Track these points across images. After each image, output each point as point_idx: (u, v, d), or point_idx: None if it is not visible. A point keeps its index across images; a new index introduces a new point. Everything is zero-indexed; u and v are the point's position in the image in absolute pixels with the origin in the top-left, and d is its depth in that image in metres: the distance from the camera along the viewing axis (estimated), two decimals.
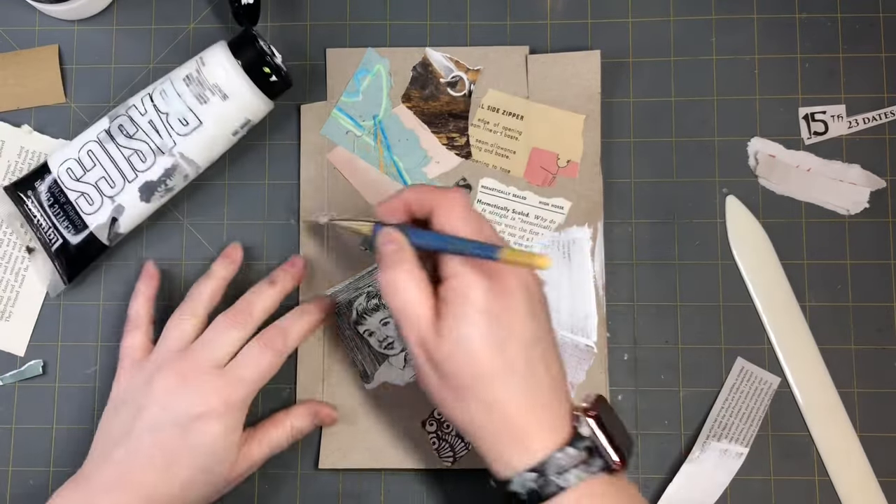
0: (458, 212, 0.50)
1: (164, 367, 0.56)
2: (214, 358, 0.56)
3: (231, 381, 0.55)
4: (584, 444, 0.48)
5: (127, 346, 0.58)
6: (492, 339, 0.48)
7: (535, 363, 0.49)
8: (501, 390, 0.48)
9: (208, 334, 0.57)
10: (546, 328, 0.51)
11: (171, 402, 0.54)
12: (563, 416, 0.49)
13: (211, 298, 0.59)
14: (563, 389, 0.50)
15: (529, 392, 0.49)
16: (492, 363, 0.48)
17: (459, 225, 0.50)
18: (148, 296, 0.60)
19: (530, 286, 0.50)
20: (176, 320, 0.58)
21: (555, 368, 0.50)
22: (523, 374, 0.49)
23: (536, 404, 0.49)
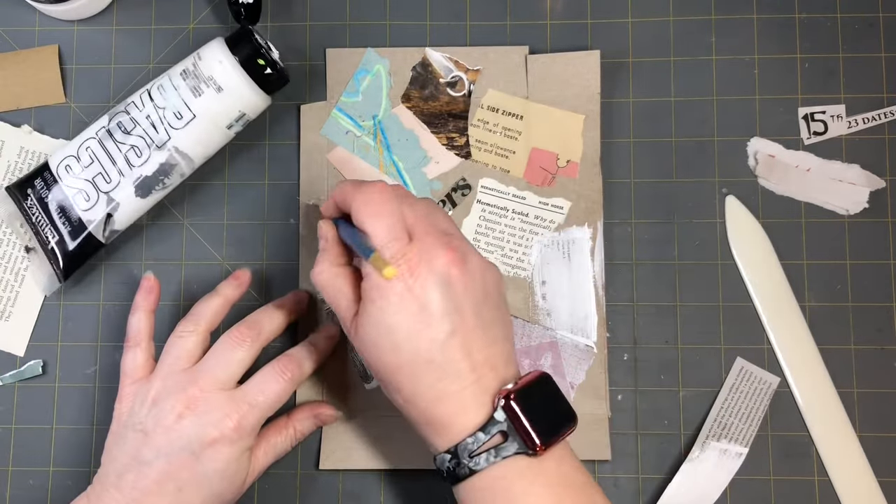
0: (369, 208, 0.51)
1: (170, 389, 0.55)
2: (222, 379, 0.55)
3: (242, 406, 0.54)
4: (497, 427, 0.49)
5: (127, 365, 0.57)
6: (391, 339, 0.49)
7: (451, 352, 0.49)
8: (409, 385, 0.50)
9: (214, 354, 0.56)
10: (470, 315, 0.50)
11: (181, 427, 0.53)
12: (484, 399, 0.49)
13: (214, 316, 0.58)
14: (488, 372, 0.50)
15: (440, 383, 0.49)
16: (396, 361, 0.49)
17: (368, 221, 0.50)
18: (147, 310, 0.59)
19: (451, 279, 0.49)
20: (177, 336, 0.57)
21: (480, 353, 0.50)
22: (431, 366, 0.49)
23: (449, 392, 0.49)
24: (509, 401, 0.49)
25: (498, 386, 0.50)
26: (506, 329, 0.52)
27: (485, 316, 0.50)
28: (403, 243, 0.50)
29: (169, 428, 0.53)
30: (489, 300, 0.51)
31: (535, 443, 0.48)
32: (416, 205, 0.52)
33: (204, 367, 0.55)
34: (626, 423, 0.61)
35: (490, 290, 0.51)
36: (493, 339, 0.50)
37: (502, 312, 0.52)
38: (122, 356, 0.57)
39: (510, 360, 0.51)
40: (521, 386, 0.49)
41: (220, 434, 0.53)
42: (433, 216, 0.52)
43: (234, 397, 0.54)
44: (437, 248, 0.50)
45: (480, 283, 0.51)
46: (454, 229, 0.53)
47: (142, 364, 0.57)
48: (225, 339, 0.56)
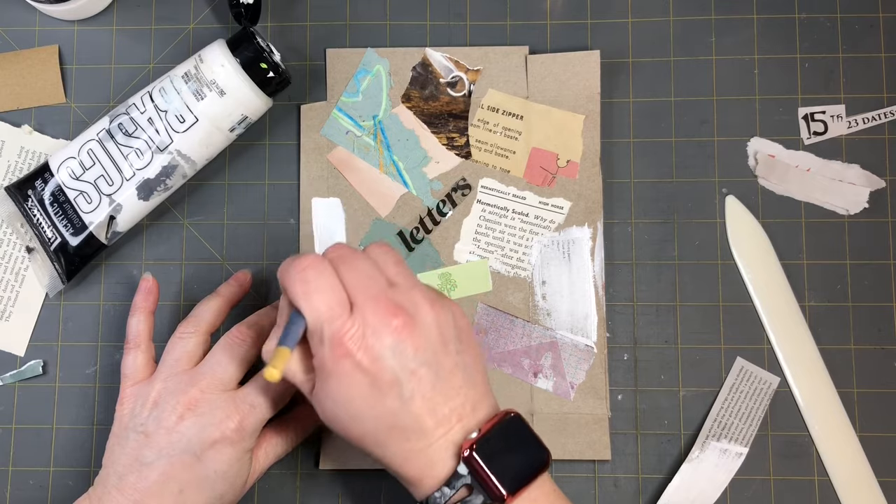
0: (300, 287, 0.49)
1: (171, 391, 0.54)
2: (223, 380, 0.54)
3: (244, 407, 0.54)
4: (462, 481, 0.48)
5: (128, 367, 0.57)
6: (349, 413, 0.49)
7: (412, 415, 0.48)
8: (377, 450, 0.49)
9: (214, 355, 0.55)
10: (426, 374, 0.48)
11: (182, 428, 0.53)
12: (450, 453, 0.48)
13: (214, 317, 0.58)
14: (455, 423, 0.49)
15: (406, 443, 0.48)
16: (359, 431, 0.49)
17: (301, 304, 0.49)
18: (147, 311, 0.58)
19: (400, 344, 0.48)
20: (178, 337, 0.56)
21: (444, 407, 0.48)
22: (394, 431, 0.48)
23: (416, 451, 0.48)
24: (471, 453, 0.48)
25: (463, 436, 0.48)
26: (471, 371, 0.50)
27: (444, 367, 0.49)
28: (343, 319, 0.48)
29: (170, 429, 0.53)
30: (448, 348, 0.49)
31: (499, 493, 0.47)
32: (356, 265, 0.50)
33: (204, 369, 0.55)
34: (626, 423, 0.61)
35: (448, 336, 0.50)
36: (456, 389, 0.49)
37: (465, 355, 0.50)
38: (123, 358, 0.57)
39: (479, 401, 0.50)
40: (483, 434, 0.48)
41: (222, 435, 0.53)
42: (376, 270, 0.50)
43: (236, 398, 0.54)
44: (383, 314, 0.48)
45: (436, 334, 0.49)
46: (402, 276, 0.51)
47: (142, 366, 0.57)
48: (225, 341, 0.56)
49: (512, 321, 0.62)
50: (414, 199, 0.63)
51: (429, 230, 0.63)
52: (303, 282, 0.49)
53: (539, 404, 0.61)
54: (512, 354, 0.61)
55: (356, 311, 0.48)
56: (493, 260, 0.62)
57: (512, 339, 0.62)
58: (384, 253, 0.52)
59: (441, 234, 0.63)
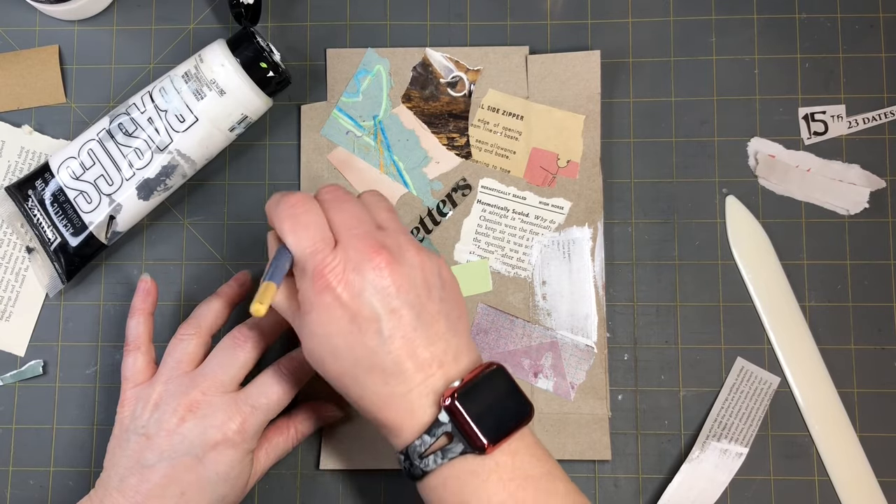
0: (286, 223, 0.50)
1: (172, 393, 0.54)
2: (224, 382, 0.54)
3: (245, 409, 0.54)
4: (443, 429, 0.48)
5: (128, 369, 0.57)
6: (328, 349, 0.49)
7: (391, 356, 0.48)
8: (356, 390, 0.49)
9: (215, 356, 0.55)
10: (408, 315, 0.48)
11: (183, 430, 0.53)
12: (430, 400, 0.48)
13: (215, 318, 0.58)
14: (435, 370, 0.49)
15: (386, 387, 0.48)
16: (338, 368, 0.49)
17: (287, 237, 0.50)
18: (146, 312, 0.58)
19: (382, 281, 0.48)
20: (178, 339, 0.56)
21: (425, 351, 0.49)
22: (373, 371, 0.48)
23: (396, 395, 0.48)
24: (453, 401, 0.48)
25: (445, 384, 0.49)
26: (454, 320, 0.50)
27: (427, 312, 0.49)
28: (325, 254, 0.49)
29: (171, 431, 0.53)
30: (431, 294, 0.50)
31: (481, 442, 0.47)
32: (344, 205, 0.51)
33: (205, 370, 0.55)
34: (626, 423, 0.61)
35: (432, 282, 0.50)
36: (438, 335, 0.49)
37: (449, 303, 0.51)
38: (123, 360, 0.57)
39: (461, 351, 0.50)
40: (465, 383, 0.48)
41: (224, 437, 0.53)
42: (365, 213, 0.51)
43: (237, 400, 0.54)
44: (366, 250, 0.48)
45: (420, 277, 0.49)
46: (391, 221, 0.52)
47: (142, 368, 0.57)
48: (226, 342, 0.56)
49: (512, 321, 0.62)
50: (414, 199, 0.63)
51: (429, 230, 0.63)
52: (290, 217, 0.50)
53: (539, 404, 0.61)
54: (512, 354, 0.61)
55: (339, 247, 0.49)
56: (493, 260, 0.62)
57: (512, 340, 0.62)
58: (376, 199, 0.53)
59: (441, 235, 0.63)
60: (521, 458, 0.49)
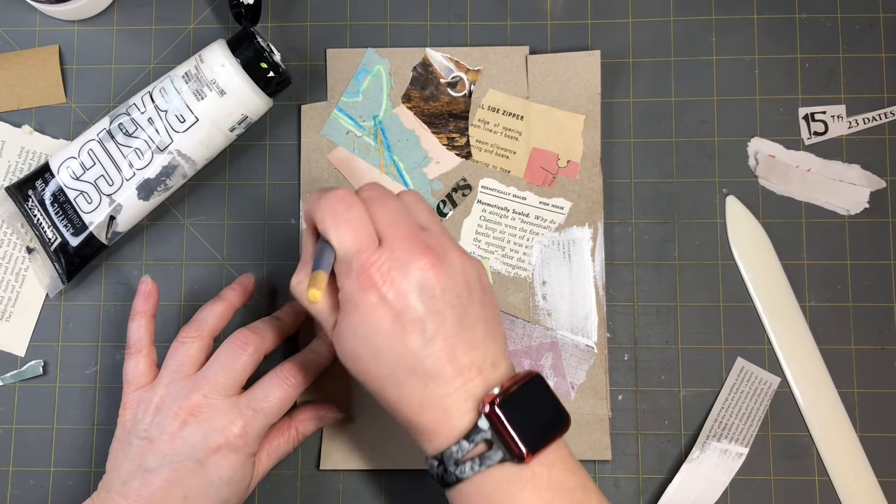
0: (331, 220, 0.49)
1: (174, 396, 0.54)
2: (225, 385, 0.54)
3: (247, 412, 0.54)
4: (481, 436, 0.47)
5: (129, 372, 0.56)
6: (370, 349, 0.48)
7: (433, 358, 0.47)
8: (394, 392, 0.48)
9: (217, 360, 0.55)
10: (451, 318, 0.48)
11: (185, 434, 0.53)
12: (468, 406, 0.48)
13: (217, 321, 0.57)
14: (474, 376, 0.48)
15: (425, 389, 0.48)
16: (377, 370, 0.48)
17: (331, 234, 0.49)
18: (147, 315, 0.58)
19: (427, 282, 0.48)
20: (180, 342, 0.56)
21: (465, 356, 0.48)
22: (413, 373, 0.48)
23: (433, 398, 0.48)
24: (493, 408, 0.47)
25: (484, 390, 0.48)
26: (492, 326, 0.50)
27: (469, 316, 0.49)
28: (371, 252, 0.48)
29: (173, 435, 0.53)
30: (473, 298, 0.49)
31: (520, 451, 0.47)
32: (388, 204, 0.50)
33: (207, 374, 0.55)
34: (626, 423, 0.61)
35: (473, 286, 0.50)
36: (478, 340, 0.49)
37: (488, 309, 0.50)
38: (124, 363, 0.57)
39: (499, 359, 0.49)
40: (506, 390, 0.48)
41: (226, 441, 0.53)
42: (407, 212, 0.50)
43: (239, 404, 0.54)
44: (411, 250, 0.48)
45: (462, 280, 0.49)
46: (433, 223, 0.51)
47: (144, 371, 0.56)
48: (227, 345, 0.55)
49: (512, 321, 0.62)
50: None
51: None
52: (333, 214, 0.49)
53: None
54: (512, 355, 0.61)
55: (385, 246, 0.48)
56: (493, 260, 0.62)
57: (512, 340, 0.62)
58: (417, 200, 0.52)
59: None
60: (556, 469, 0.48)
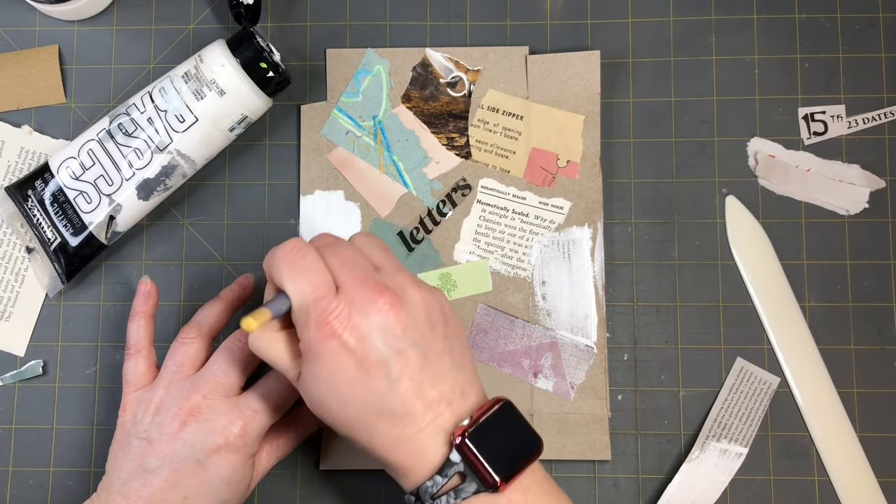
0: (284, 270, 0.49)
1: (173, 397, 0.54)
2: (224, 385, 0.54)
3: (246, 412, 0.53)
4: (455, 469, 0.47)
5: (129, 373, 0.56)
6: (336, 396, 0.48)
7: (400, 398, 0.47)
8: (365, 435, 0.48)
9: (216, 360, 0.55)
10: (415, 355, 0.48)
11: (185, 434, 0.53)
12: (440, 440, 0.48)
13: (216, 321, 0.57)
14: (444, 409, 0.48)
15: (395, 429, 0.48)
16: (346, 415, 0.48)
17: (286, 285, 0.49)
18: (147, 315, 0.58)
19: (388, 323, 0.47)
20: (180, 343, 0.56)
21: (433, 391, 0.48)
22: (382, 415, 0.47)
23: (405, 437, 0.48)
24: (464, 440, 0.47)
25: (454, 423, 0.48)
26: (458, 355, 0.50)
27: (433, 350, 0.48)
28: (329, 300, 0.47)
29: (173, 436, 0.53)
30: (436, 331, 0.49)
31: (493, 480, 0.47)
32: (341, 251, 0.50)
33: (206, 374, 0.54)
34: (626, 423, 0.61)
35: (435, 319, 0.49)
36: (445, 373, 0.48)
37: (452, 339, 0.50)
38: (124, 364, 0.57)
39: (468, 387, 0.49)
40: (475, 421, 0.47)
41: (225, 441, 0.53)
42: (361, 255, 0.50)
43: (238, 404, 0.54)
44: (368, 293, 0.47)
45: (423, 315, 0.49)
46: (388, 261, 0.51)
47: (143, 372, 0.56)
48: (227, 345, 0.55)
49: (512, 321, 0.62)
50: (414, 199, 0.63)
51: (429, 230, 0.63)
52: (288, 264, 0.49)
53: (539, 404, 0.61)
54: (512, 354, 0.61)
55: (341, 292, 0.48)
56: (493, 260, 0.62)
57: (512, 340, 0.62)
58: (369, 241, 0.52)
59: (441, 235, 0.63)
60: (533, 494, 0.48)
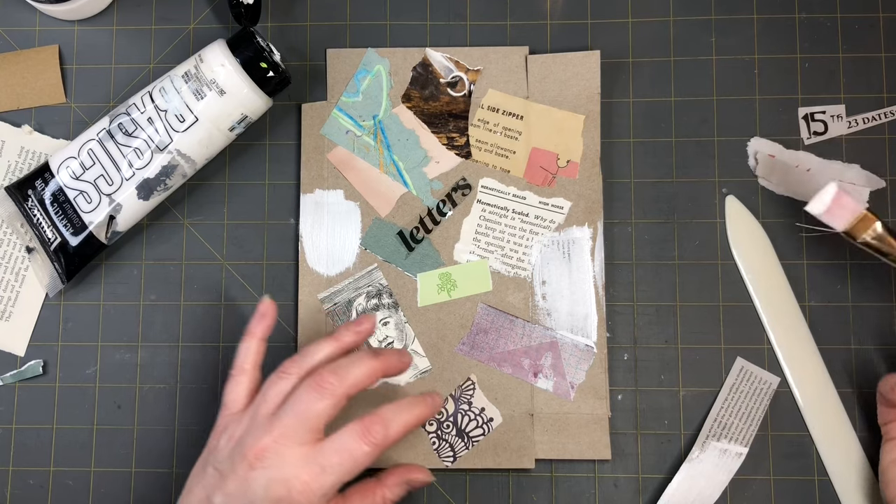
0: None
1: (252, 432, 0.51)
2: (297, 432, 0.50)
3: (314, 468, 0.50)
4: None
5: (228, 395, 0.54)
6: None
7: None
8: None
9: (292, 403, 0.51)
10: None
11: (251, 478, 0.50)
12: None
13: (324, 359, 0.54)
14: None
15: None
16: None
17: None
18: (258, 337, 0.55)
19: None
20: (277, 376, 0.53)
21: None
22: None
23: None
24: None
25: None
26: None
27: None
28: None
29: (241, 477, 0.50)
30: None
31: None
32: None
33: (280, 416, 0.51)
34: (626, 423, 0.61)
35: None
36: None
37: None
38: (226, 383, 0.55)
39: None
40: None
41: (287, 495, 0.49)
42: None
43: (308, 456, 0.50)
44: None
45: None
46: None
47: (241, 396, 0.54)
48: (305, 386, 0.51)
49: (512, 321, 0.62)
50: (414, 198, 0.63)
51: (429, 230, 0.63)
52: None
53: (539, 404, 0.61)
54: (512, 354, 0.61)
55: None
56: (493, 260, 0.62)
57: (512, 339, 0.62)
58: None
59: (441, 234, 0.63)
60: None
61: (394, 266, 0.62)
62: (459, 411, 0.61)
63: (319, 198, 0.63)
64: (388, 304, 0.62)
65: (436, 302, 0.62)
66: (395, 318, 0.62)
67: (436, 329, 0.62)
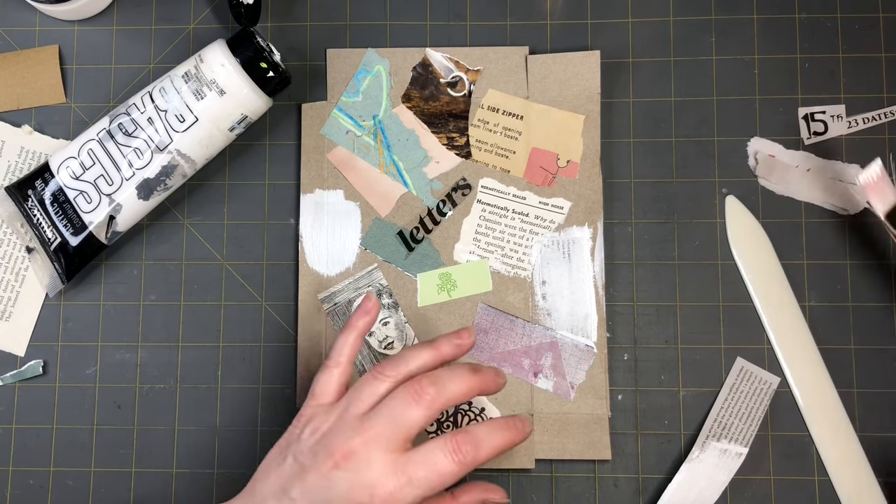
0: None
1: (340, 430, 0.50)
2: (387, 439, 0.49)
3: (400, 479, 0.48)
4: None
5: (318, 385, 0.53)
6: None
7: None
8: None
9: (387, 406, 0.50)
10: None
11: (333, 477, 0.49)
12: None
13: (420, 369, 0.53)
14: None
15: None
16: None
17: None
18: (358, 331, 0.54)
19: None
20: (373, 377, 0.52)
21: None
22: None
23: None
24: None
25: None
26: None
27: None
28: None
29: (323, 475, 0.49)
30: None
31: None
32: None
33: (373, 418, 0.50)
34: (626, 423, 0.61)
35: None
36: None
37: None
38: (318, 373, 0.54)
39: None
40: None
41: (369, 501, 0.48)
42: None
43: (395, 465, 0.49)
44: None
45: None
46: None
47: (332, 389, 0.53)
48: (402, 391, 0.50)
49: (512, 321, 0.62)
50: (414, 198, 0.63)
51: (429, 230, 0.63)
52: None
53: (539, 404, 0.61)
54: (512, 354, 0.61)
55: None
56: (493, 260, 0.62)
57: (512, 339, 0.62)
58: None
59: (441, 234, 0.63)
60: None
61: (394, 266, 0.62)
62: (460, 411, 0.61)
63: (319, 198, 0.63)
64: (388, 304, 0.62)
65: (436, 302, 0.62)
66: (395, 318, 0.62)
67: (436, 329, 0.62)
